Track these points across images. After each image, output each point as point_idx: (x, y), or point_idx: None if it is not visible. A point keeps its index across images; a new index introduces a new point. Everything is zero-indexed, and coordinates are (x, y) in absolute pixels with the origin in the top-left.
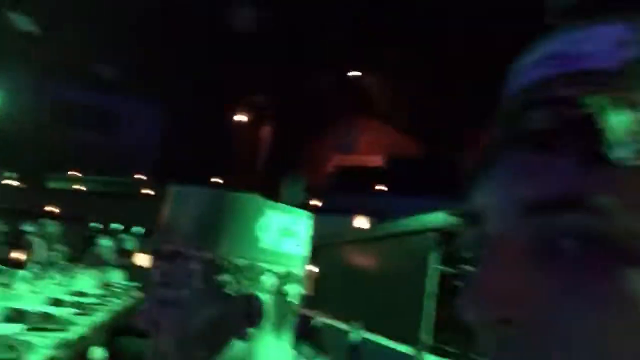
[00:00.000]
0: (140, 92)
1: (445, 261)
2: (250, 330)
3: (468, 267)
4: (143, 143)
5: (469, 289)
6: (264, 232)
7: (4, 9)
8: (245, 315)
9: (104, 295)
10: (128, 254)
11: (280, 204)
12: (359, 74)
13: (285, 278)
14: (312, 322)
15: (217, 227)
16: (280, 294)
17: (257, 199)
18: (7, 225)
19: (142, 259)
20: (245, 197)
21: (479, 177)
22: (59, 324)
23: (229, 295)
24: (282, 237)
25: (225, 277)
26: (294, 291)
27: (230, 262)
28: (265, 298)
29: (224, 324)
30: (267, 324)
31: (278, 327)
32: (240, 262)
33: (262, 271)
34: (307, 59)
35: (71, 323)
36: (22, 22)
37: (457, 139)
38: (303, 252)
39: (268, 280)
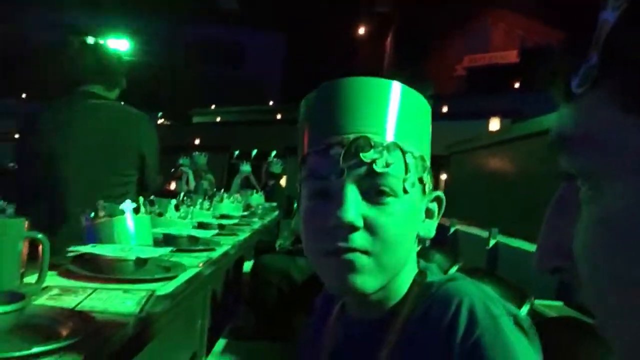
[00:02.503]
0: (264, 23)
1: None
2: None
3: None
4: (271, 71)
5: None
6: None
7: None
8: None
9: (247, 217)
10: (268, 176)
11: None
12: None
13: None
14: (446, 229)
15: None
16: None
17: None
18: (164, 160)
19: (281, 180)
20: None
21: None
22: (204, 244)
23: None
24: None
25: (427, 175)
26: None
27: (427, 163)
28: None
29: None
30: None
31: None
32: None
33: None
34: None
35: (216, 243)
36: None
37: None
38: None
39: None
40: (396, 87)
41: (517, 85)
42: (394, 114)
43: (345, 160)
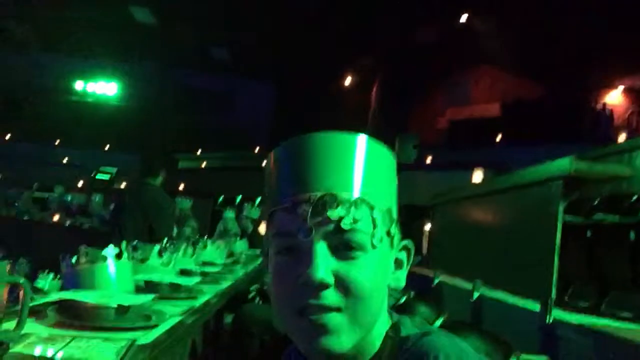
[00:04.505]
0: (253, 72)
1: (571, 211)
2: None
3: (598, 215)
4: (259, 118)
5: None
6: None
7: (125, 4)
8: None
9: (229, 264)
10: (251, 223)
11: None
12: (467, 19)
13: None
14: (430, 281)
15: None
16: None
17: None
18: None
19: (264, 227)
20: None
21: None
22: (186, 292)
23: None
24: None
25: (394, 227)
26: None
27: (394, 215)
28: None
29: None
30: None
31: None
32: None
33: None
34: (411, 12)
35: (198, 291)
36: (141, 15)
37: (579, 79)
38: None
39: None
40: (361, 142)
41: (499, 138)
42: (359, 170)
43: (312, 218)
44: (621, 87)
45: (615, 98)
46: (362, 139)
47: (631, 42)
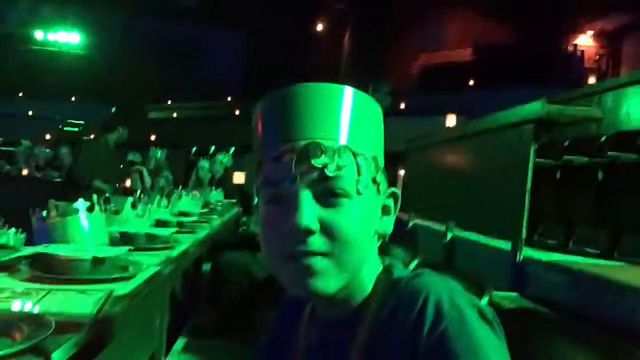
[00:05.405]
0: (222, 18)
1: (542, 153)
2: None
3: (568, 157)
4: (230, 67)
5: None
6: None
7: None
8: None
9: (206, 214)
10: (226, 172)
11: None
12: None
13: None
14: (405, 224)
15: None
16: None
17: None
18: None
19: (238, 177)
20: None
21: None
22: (163, 243)
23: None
24: None
25: (380, 175)
26: None
27: (381, 164)
28: None
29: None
30: None
31: None
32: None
33: None
34: None
35: (174, 241)
36: None
37: (550, 23)
38: None
39: None
40: (347, 92)
41: (471, 82)
42: (345, 118)
43: (297, 167)
44: (591, 32)
45: (585, 41)
46: (348, 89)
47: None
